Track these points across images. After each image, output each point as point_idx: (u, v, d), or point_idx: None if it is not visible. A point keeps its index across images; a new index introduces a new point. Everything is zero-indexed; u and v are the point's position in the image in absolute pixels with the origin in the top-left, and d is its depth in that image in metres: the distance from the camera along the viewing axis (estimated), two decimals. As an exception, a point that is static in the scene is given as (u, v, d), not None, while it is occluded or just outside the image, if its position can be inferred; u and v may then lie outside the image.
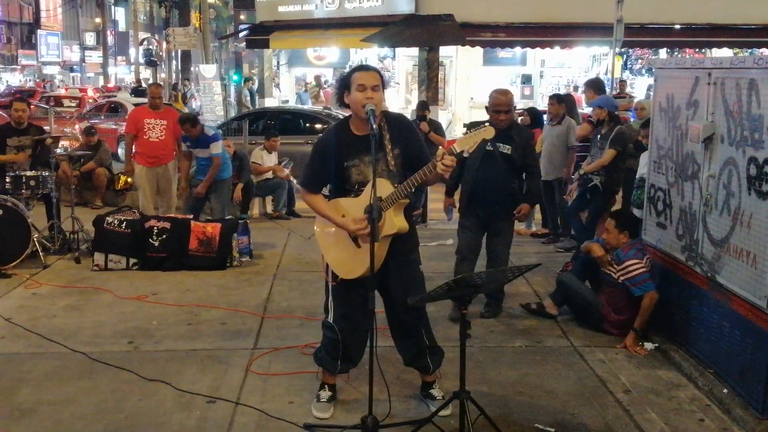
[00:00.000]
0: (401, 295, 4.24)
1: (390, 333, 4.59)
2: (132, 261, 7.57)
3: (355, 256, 4.17)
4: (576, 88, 22.57)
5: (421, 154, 4.17)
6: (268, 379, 4.96)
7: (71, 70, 50.33)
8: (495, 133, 3.85)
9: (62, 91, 29.61)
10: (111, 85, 40.91)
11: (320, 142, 4.38)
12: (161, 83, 17.85)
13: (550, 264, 7.67)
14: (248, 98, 24.54)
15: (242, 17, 40.04)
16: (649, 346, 5.54)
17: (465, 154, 3.78)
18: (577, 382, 4.99)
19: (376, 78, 4.10)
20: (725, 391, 4.67)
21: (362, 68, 4.28)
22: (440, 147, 6.34)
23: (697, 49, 20.14)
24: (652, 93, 6.26)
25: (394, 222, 4.01)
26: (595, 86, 9.00)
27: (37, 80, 42.54)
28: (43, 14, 45.72)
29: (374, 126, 3.88)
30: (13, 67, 43.52)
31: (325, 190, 4.43)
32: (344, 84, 4.18)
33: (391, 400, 4.33)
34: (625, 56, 21.93)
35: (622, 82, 18.44)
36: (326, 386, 4.59)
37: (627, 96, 17.22)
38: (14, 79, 42.33)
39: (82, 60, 51.05)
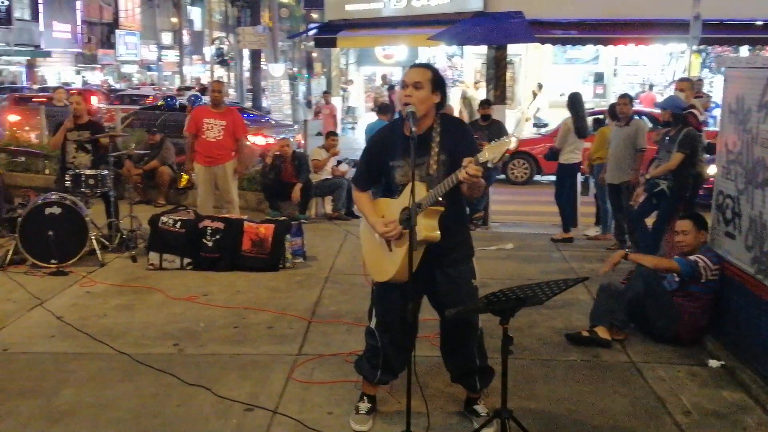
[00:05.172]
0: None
1: (439, 345, 4.41)
2: (186, 261, 7.56)
3: (385, 258, 4.04)
4: (651, 87, 21.90)
5: None
6: (309, 387, 4.83)
7: (148, 68, 51.59)
8: None
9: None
10: (189, 84, 41.68)
11: (370, 140, 4.27)
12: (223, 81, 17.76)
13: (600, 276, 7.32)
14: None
15: (315, 16, 40.36)
16: (714, 363, 5.20)
17: (489, 165, 3.55)
18: (633, 401, 4.70)
19: (420, 75, 3.92)
20: (796, 416, 4.33)
21: (413, 66, 4.11)
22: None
23: (782, 47, 19.24)
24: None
25: (422, 229, 3.80)
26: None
27: (104, 78, 43.70)
28: (122, 14, 46.96)
29: (413, 129, 3.71)
30: (93, 66, 44.85)
31: None
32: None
33: (433, 415, 4.17)
34: (704, 54, 21.12)
35: (699, 81, 17.73)
36: (366, 397, 4.43)
37: (704, 95, 16.53)
38: (94, 77, 43.60)
39: (159, 59, 52.24)
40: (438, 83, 3.97)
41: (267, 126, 16.56)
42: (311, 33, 23.90)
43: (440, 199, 3.76)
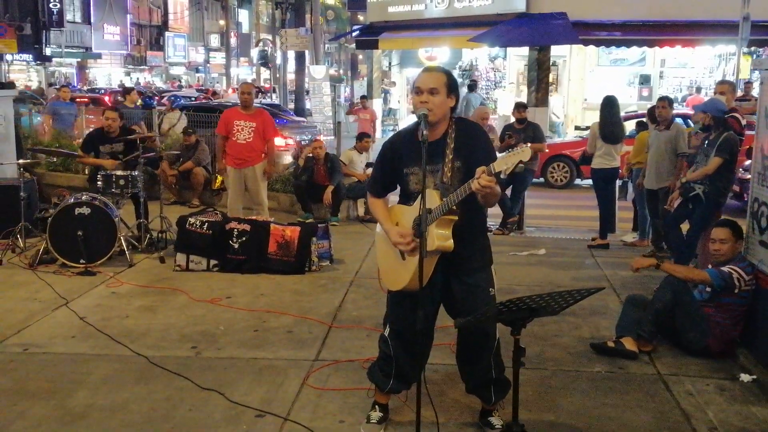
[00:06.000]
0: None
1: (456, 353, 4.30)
2: (213, 262, 7.54)
3: (398, 267, 3.93)
4: (699, 90, 21.38)
5: None
6: (323, 394, 4.74)
7: (196, 70, 52.28)
8: None
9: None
10: (234, 86, 42.15)
11: (383, 146, 4.15)
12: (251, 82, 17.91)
13: (632, 284, 7.11)
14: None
15: (360, 18, 40.42)
16: (745, 378, 4.98)
17: (502, 175, 3.42)
18: (657, 415, 4.51)
19: (435, 80, 3.80)
20: (829, 437, 4.10)
21: (426, 70, 3.99)
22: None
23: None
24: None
25: (434, 239, 3.69)
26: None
27: (148, 80, 44.40)
28: (170, 17, 47.71)
29: (424, 132, 3.59)
30: (142, 67, 45.62)
31: None
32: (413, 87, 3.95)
33: (447, 425, 4.08)
34: (755, 56, 20.54)
35: (748, 84, 17.28)
36: (377, 406, 4.32)
37: (752, 99, 16.07)
38: (143, 79, 44.34)
39: (207, 61, 52.89)
40: (452, 87, 3.86)
41: (288, 127, 16.62)
42: (353, 35, 23.95)
43: (454, 207, 3.65)
